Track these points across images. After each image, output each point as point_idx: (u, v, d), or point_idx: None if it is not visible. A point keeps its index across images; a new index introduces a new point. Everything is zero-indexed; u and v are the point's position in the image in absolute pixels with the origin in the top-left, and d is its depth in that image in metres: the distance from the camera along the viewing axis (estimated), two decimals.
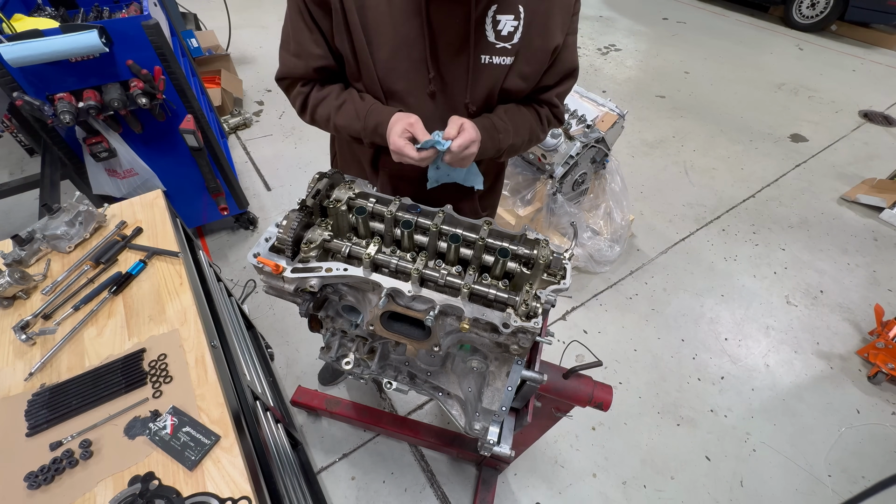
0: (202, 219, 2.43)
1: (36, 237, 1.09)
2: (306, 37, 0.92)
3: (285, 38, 0.96)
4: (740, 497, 1.68)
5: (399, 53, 0.88)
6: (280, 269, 0.77)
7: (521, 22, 0.88)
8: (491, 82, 0.94)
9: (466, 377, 0.94)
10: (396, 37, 0.86)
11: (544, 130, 1.07)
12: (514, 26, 0.88)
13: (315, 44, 0.92)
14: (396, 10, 0.85)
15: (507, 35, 0.88)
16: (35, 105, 1.54)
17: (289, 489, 1.08)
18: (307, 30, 0.91)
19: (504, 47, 0.89)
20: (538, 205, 2.33)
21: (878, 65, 4.92)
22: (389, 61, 0.89)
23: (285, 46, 0.96)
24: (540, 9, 0.88)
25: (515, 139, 1.00)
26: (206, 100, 2.74)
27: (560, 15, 0.91)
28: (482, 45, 0.89)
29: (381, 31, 0.86)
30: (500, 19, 0.87)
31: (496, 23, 0.87)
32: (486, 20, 0.86)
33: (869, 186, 3.08)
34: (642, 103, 4.01)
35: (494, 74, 0.92)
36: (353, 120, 0.94)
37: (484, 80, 0.93)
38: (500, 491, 1.64)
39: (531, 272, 0.77)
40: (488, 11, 0.86)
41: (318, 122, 1.01)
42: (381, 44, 0.87)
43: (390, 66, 0.90)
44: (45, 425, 0.82)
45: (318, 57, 0.94)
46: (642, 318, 2.27)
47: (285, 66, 0.98)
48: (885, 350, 2.01)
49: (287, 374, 1.96)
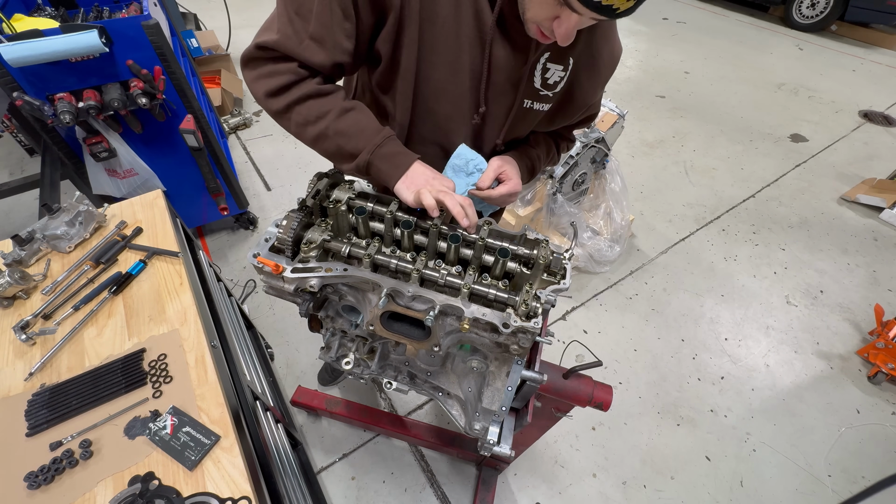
0: (202, 219, 2.43)
1: (36, 237, 1.09)
2: (338, 22, 0.75)
3: (298, 7, 0.76)
4: (740, 497, 1.68)
5: (457, 78, 0.86)
6: (280, 269, 0.77)
7: (568, 74, 0.89)
8: (525, 126, 0.97)
9: (466, 377, 0.94)
10: (457, 62, 0.83)
11: (559, 156, 1.16)
12: (562, 77, 0.88)
13: (346, 35, 0.77)
14: (463, 36, 0.81)
15: (553, 84, 0.89)
16: (35, 105, 1.54)
17: (289, 489, 1.08)
18: (342, 16, 0.75)
19: (546, 95, 0.90)
20: (538, 205, 2.33)
21: (878, 65, 4.92)
22: (443, 83, 0.85)
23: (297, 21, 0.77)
24: (588, 63, 0.89)
25: (540, 168, 1.08)
26: (206, 100, 2.74)
27: (604, 73, 0.93)
28: (528, 90, 0.89)
29: (440, 50, 0.81)
30: (550, 68, 0.87)
31: (545, 70, 0.87)
32: (538, 66, 0.86)
33: (869, 186, 3.08)
34: (642, 103, 4.01)
35: (530, 119, 0.94)
36: (359, 134, 0.82)
37: (521, 122, 0.95)
38: (500, 491, 1.64)
39: (531, 272, 0.77)
40: (541, 58, 0.85)
41: (293, 117, 0.83)
42: (438, 63, 0.83)
43: (442, 88, 0.86)
44: (45, 425, 0.82)
45: (344, 52, 0.79)
46: (642, 318, 2.27)
47: (288, 42, 0.77)
48: (885, 350, 2.01)
49: (287, 374, 1.96)
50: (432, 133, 0.94)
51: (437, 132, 0.94)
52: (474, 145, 0.96)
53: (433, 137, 0.95)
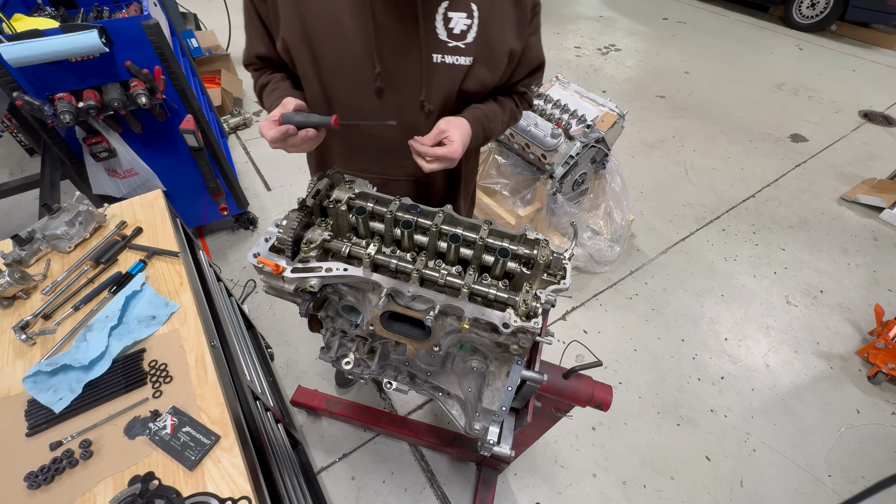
0: (202, 219, 2.43)
1: (36, 237, 1.09)
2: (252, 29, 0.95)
3: None
4: (740, 497, 1.68)
5: (344, 50, 0.86)
6: (280, 269, 0.77)
7: (476, 21, 0.86)
8: (448, 83, 0.92)
9: (466, 377, 0.94)
10: (339, 33, 0.85)
11: (520, 112, 1.11)
12: (468, 24, 0.86)
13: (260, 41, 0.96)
14: (340, 4, 0.83)
15: (460, 34, 0.86)
16: (35, 105, 1.54)
17: (289, 489, 1.08)
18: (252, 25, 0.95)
19: (457, 46, 0.87)
20: (538, 205, 2.33)
21: (878, 65, 4.92)
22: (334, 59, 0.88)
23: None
24: (494, 9, 0.87)
25: (501, 125, 1.04)
26: (206, 100, 2.74)
27: (516, 17, 0.89)
28: (433, 43, 0.87)
29: (321, 26, 0.85)
30: (452, 17, 0.85)
31: (447, 20, 0.85)
32: (437, 17, 0.85)
33: (869, 186, 3.08)
34: (642, 103, 4.01)
35: (451, 75, 0.90)
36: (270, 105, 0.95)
37: (440, 79, 0.91)
38: (500, 491, 1.64)
39: (531, 272, 0.77)
40: (438, 7, 0.84)
41: (264, 106, 1.01)
42: (324, 39, 0.86)
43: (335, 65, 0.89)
44: (44, 425, 0.82)
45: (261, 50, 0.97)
46: (642, 318, 2.27)
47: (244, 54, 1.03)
48: (885, 350, 2.01)
49: (287, 374, 1.96)
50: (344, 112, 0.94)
51: (353, 110, 0.94)
52: (396, 113, 0.94)
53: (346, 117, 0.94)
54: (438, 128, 0.90)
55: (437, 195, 1.17)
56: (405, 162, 0.99)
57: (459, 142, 0.89)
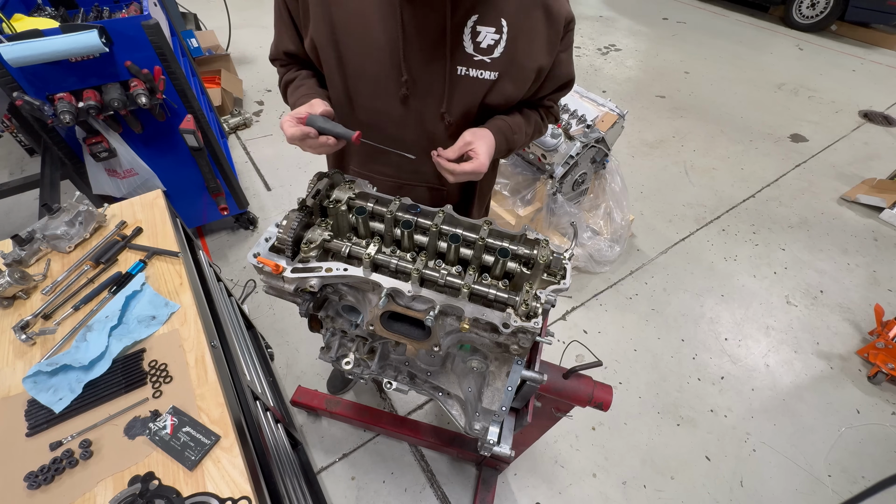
0: (202, 219, 2.43)
1: (36, 237, 1.09)
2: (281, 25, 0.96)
3: None
4: (740, 497, 1.68)
5: (371, 56, 0.86)
6: (280, 269, 0.77)
7: (504, 37, 0.85)
8: (470, 96, 0.91)
9: (466, 377, 0.94)
10: (368, 38, 0.84)
11: (546, 126, 1.09)
12: (495, 40, 0.85)
13: (289, 38, 0.96)
14: (370, 12, 0.83)
15: (487, 48, 0.86)
16: (35, 105, 1.54)
17: (289, 489, 1.08)
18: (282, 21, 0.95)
19: (483, 60, 0.86)
20: (538, 205, 2.33)
21: (878, 65, 4.92)
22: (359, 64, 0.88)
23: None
24: (525, 26, 0.85)
25: (525, 138, 1.02)
26: (206, 100, 2.74)
27: (547, 34, 0.88)
28: (459, 56, 0.86)
29: (351, 31, 0.85)
30: (480, 31, 0.84)
31: (475, 34, 0.85)
32: (465, 30, 0.84)
33: (869, 186, 3.08)
34: (642, 103, 4.01)
35: (474, 89, 0.90)
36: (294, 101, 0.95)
37: (462, 92, 0.90)
38: (500, 491, 1.64)
39: (531, 272, 0.77)
40: (467, 21, 0.83)
41: (287, 102, 1.02)
42: (351, 45, 0.86)
43: (360, 69, 0.89)
44: (44, 425, 0.82)
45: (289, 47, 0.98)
46: (642, 318, 2.27)
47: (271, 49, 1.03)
48: (885, 350, 2.01)
49: (287, 374, 1.96)
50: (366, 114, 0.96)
51: (376, 115, 0.95)
52: (417, 122, 0.94)
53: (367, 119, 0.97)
54: (464, 139, 0.89)
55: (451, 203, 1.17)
56: (423, 168, 1.00)
57: (486, 155, 0.88)
